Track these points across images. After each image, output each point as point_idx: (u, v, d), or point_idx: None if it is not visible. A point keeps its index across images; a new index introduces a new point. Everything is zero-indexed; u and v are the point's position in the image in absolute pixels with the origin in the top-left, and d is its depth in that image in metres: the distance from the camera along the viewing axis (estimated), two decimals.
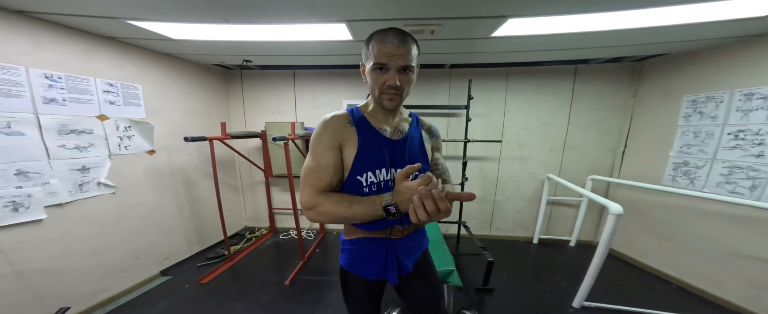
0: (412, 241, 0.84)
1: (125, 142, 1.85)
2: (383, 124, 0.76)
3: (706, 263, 1.88)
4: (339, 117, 0.74)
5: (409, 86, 0.70)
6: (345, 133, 0.72)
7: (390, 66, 0.65)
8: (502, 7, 1.27)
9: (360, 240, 0.81)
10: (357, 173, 0.71)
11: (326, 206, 0.66)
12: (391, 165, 0.74)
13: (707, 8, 1.25)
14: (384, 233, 0.79)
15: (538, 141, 2.68)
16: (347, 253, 0.84)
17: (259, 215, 3.14)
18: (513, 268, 2.29)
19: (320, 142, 0.71)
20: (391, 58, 0.64)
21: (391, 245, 0.80)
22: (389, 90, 0.67)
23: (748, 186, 1.63)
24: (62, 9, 1.33)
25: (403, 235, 0.81)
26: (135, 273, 1.97)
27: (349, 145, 0.72)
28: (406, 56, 0.65)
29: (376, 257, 0.80)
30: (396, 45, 0.64)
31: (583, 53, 2.08)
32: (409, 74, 0.68)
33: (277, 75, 2.78)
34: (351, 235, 0.83)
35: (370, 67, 0.68)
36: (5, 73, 1.31)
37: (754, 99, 1.61)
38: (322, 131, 0.72)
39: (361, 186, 0.72)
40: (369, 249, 0.80)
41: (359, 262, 0.81)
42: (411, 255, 0.84)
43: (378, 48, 0.65)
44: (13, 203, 1.35)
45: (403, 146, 0.76)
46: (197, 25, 1.51)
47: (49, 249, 1.50)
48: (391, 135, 0.75)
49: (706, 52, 1.90)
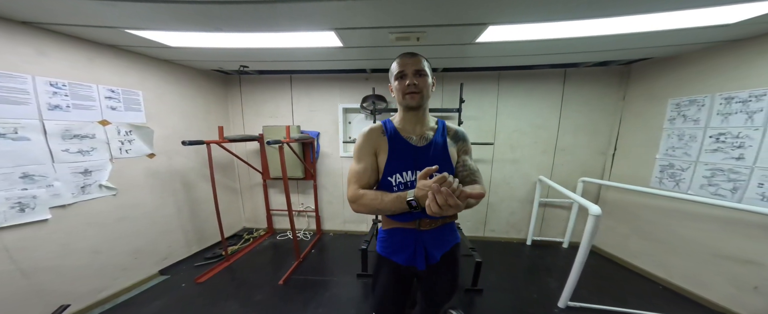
0: (440, 234, 0.95)
1: (126, 146, 1.93)
2: (410, 133, 0.92)
3: (692, 263, 1.90)
4: (374, 129, 0.93)
5: (426, 89, 0.87)
6: (379, 142, 0.91)
7: (407, 72, 0.85)
8: (480, 15, 1.33)
9: (393, 230, 0.95)
10: (388, 175, 0.88)
11: (366, 199, 0.82)
12: (416, 168, 0.88)
13: (680, 16, 1.29)
14: (414, 224, 0.91)
15: (530, 143, 2.72)
16: (383, 241, 0.98)
17: (258, 217, 3.21)
18: (504, 269, 2.33)
19: (361, 150, 0.91)
20: (406, 66, 0.85)
21: (420, 236, 0.92)
22: (409, 88, 0.84)
23: (730, 188, 1.66)
24: (64, 19, 1.41)
25: (431, 227, 0.92)
26: (134, 272, 2.03)
27: (382, 152, 0.90)
28: (418, 64, 0.86)
29: (406, 245, 0.93)
30: (409, 57, 0.86)
31: (571, 57, 2.12)
32: (423, 77, 0.86)
33: (275, 80, 2.86)
34: (387, 226, 0.97)
35: (394, 79, 0.88)
36: (12, 81, 1.40)
37: (733, 103, 1.64)
38: (362, 140, 0.92)
39: (391, 185, 0.88)
40: (401, 237, 0.93)
41: (392, 249, 0.95)
42: (439, 247, 0.95)
43: (398, 63, 0.87)
44: (19, 204, 1.43)
45: (427, 151, 0.89)
46: (192, 34, 1.58)
47: (52, 248, 1.57)
48: (416, 142, 0.90)
49: (687, 56, 1.94)
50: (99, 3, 1.19)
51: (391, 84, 0.91)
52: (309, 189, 3.07)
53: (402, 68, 0.85)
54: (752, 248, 1.60)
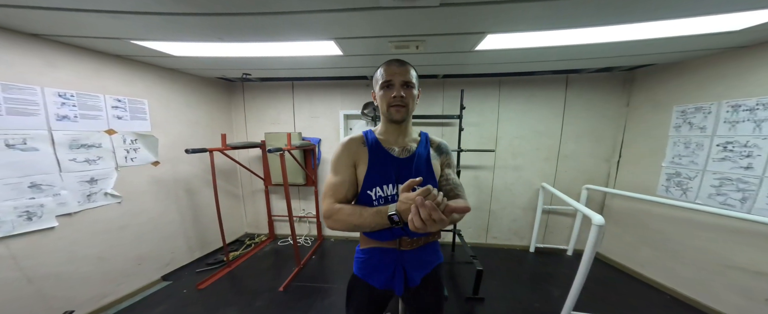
0: (422, 255, 0.88)
1: (131, 154, 1.96)
2: (392, 144, 0.87)
3: (700, 273, 1.85)
4: (354, 139, 0.87)
5: (412, 102, 0.81)
6: (359, 153, 0.85)
7: (394, 81, 0.79)
8: (478, 24, 1.33)
9: (371, 250, 0.88)
10: (367, 188, 0.82)
11: (342, 214, 0.75)
12: (398, 181, 0.82)
13: (684, 23, 1.27)
14: (394, 244, 0.85)
15: (532, 150, 2.69)
16: (360, 262, 0.91)
17: (259, 222, 3.23)
18: (507, 277, 2.29)
19: (339, 161, 0.84)
20: (394, 75, 0.79)
21: (400, 256, 0.85)
22: (396, 101, 0.79)
23: (739, 198, 1.61)
24: (73, 31, 1.45)
25: (413, 247, 0.86)
26: (137, 278, 2.06)
27: (361, 163, 0.84)
28: (406, 74, 0.79)
29: (385, 266, 0.86)
30: (397, 66, 0.80)
31: (573, 64, 2.11)
32: (410, 89, 0.80)
33: (277, 87, 2.89)
34: (365, 245, 0.90)
35: (379, 88, 0.82)
36: (23, 93, 1.44)
37: (740, 111, 1.61)
38: (341, 151, 0.85)
39: (370, 199, 0.82)
40: (379, 258, 0.86)
41: (369, 270, 0.88)
42: (420, 269, 0.87)
43: (384, 71, 0.80)
44: (27, 213, 1.46)
45: (409, 163, 0.84)
46: (196, 44, 1.62)
47: (58, 255, 1.60)
48: (398, 154, 0.85)
49: (692, 63, 1.91)
50: (106, 15, 1.22)
51: (375, 91, 0.84)
52: (310, 195, 3.08)
53: (389, 78, 0.78)
54: (763, 259, 1.55)
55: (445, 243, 2.95)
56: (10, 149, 1.39)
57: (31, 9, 1.17)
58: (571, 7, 1.13)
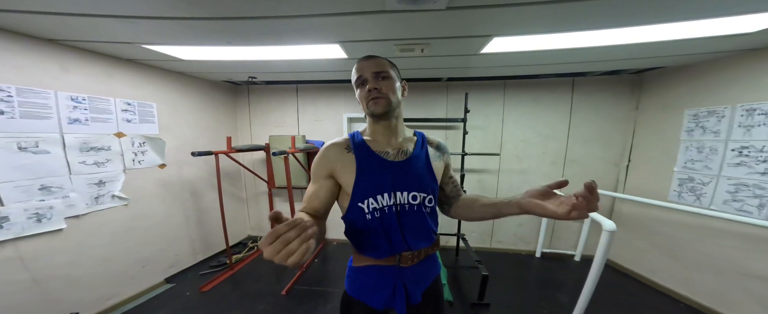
0: (422, 269, 0.79)
1: (139, 157, 1.99)
2: (385, 147, 0.76)
3: (717, 282, 1.78)
4: (337, 144, 0.76)
5: (392, 93, 0.72)
6: (342, 160, 0.73)
7: (366, 75, 0.72)
8: (484, 27, 1.32)
9: (368, 268, 0.78)
10: (358, 200, 0.71)
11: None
12: (394, 189, 0.72)
13: (695, 25, 1.25)
14: (392, 260, 0.75)
15: (538, 154, 2.65)
16: (353, 280, 0.81)
17: (262, 225, 3.23)
18: (513, 282, 2.24)
19: (315, 170, 0.75)
20: (364, 69, 0.73)
21: (400, 273, 0.76)
22: (371, 94, 0.71)
23: (756, 205, 1.56)
24: (88, 36, 1.48)
25: (413, 262, 0.77)
26: (141, 280, 2.06)
27: (346, 172, 0.72)
28: (376, 66, 0.72)
29: (384, 285, 0.76)
30: (366, 59, 0.74)
31: (579, 66, 2.08)
32: (387, 81, 0.72)
33: (281, 90, 2.92)
34: (359, 263, 0.80)
35: (356, 87, 0.76)
36: (37, 97, 1.47)
37: (755, 115, 1.56)
38: (318, 159, 0.76)
39: (363, 213, 0.71)
40: (377, 276, 0.77)
41: (366, 289, 0.78)
42: (420, 283, 0.80)
43: (355, 69, 0.75)
44: (36, 215, 1.48)
45: (406, 166, 0.74)
46: (205, 48, 1.64)
47: (64, 257, 1.62)
48: (393, 157, 0.74)
49: (702, 65, 1.87)
50: (121, 20, 1.24)
51: (356, 94, 0.78)
52: None
53: (360, 73, 0.72)
54: None
55: (449, 247, 2.91)
56: (22, 151, 1.42)
57: (51, 15, 1.20)
58: (578, 10, 1.11)
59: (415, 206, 0.74)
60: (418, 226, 0.75)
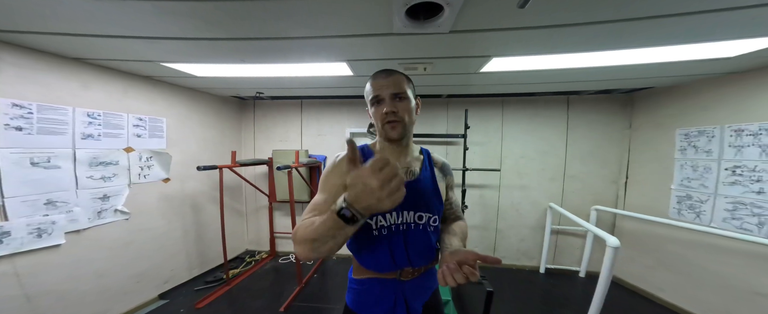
0: (422, 282, 0.80)
1: (145, 171, 2.00)
2: None
3: (726, 300, 1.75)
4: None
5: (408, 115, 0.72)
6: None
7: (383, 95, 0.71)
8: (484, 48, 1.41)
9: (369, 280, 0.78)
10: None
11: (301, 232, 0.59)
12: (402, 208, 0.72)
13: (679, 49, 1.34)
14: (394, 274, 0.76)
15: (538, 170, 2.69)
16: (354, 293, 0.81)
17: (261, 239, 3.17)
18: (518, 299, 2.19)
19: (327, 180, 0.73)
20: (381, 88, 0.71)
21: (401, 286, 0.77)
22: (388, 117, 0.70)
23: (755, 223, 1.58)
24: (112, 55, 1.55)
25: (414, 277, 0.78)
26: (135, 296, 1.99)
27: None
28: (395, 86, 0.71)
29: (384, 298, 0.77)
30: (384, 77, 0.72)
31: (574, 85, 2.18)
32: (404, 102, 0.71)
33: (286, 105, 2.99)
34: (359, 275, 0.80)
35: (370, 103, 0.75)
36: (56, 113, 1.51)
37: (744, 135, 1.63)
38: (330, 169, 0.74)
39: (369, 228, 0.71)
40: (378, 289, 0.77)
41: (367, 303, 0.78)
42: (421, 296, 0.81)
43: (371, 85, 0.73)
44: (38, 230, 1.45)
45: (415, 186, 0.75)
46: (219, 65, 1.72)
47: (61, 273, 1.57)
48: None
49: (690, 86, 1.97)
50: (145, 41, 1.31)
51: (368, 109, 0.77)
52: None
53: (377, 92, 0.71)
54: None
55: None
56: (34, 166, 1.43)
57: (83, 37, 1.26)
58: (570, 34, 1.20)
59: (421, 226, 0.75)
60: (423, 245, 0.76)
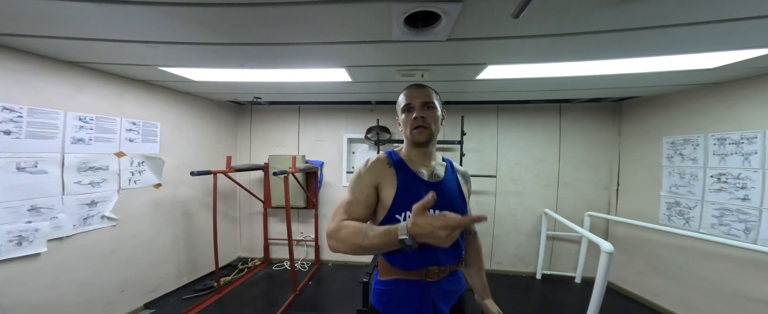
0: (447, 285, 0.82)
1: (136, 177, 1.94)
2: (420, 168, 0.83)
3: (718, 304, 1.78)
4: (380, 159, 0.84)
5: (435, 124, 0.81)
6: (384, 173, 0.80)
7: (414, 104, 0.80)
8: (480, 56, 1.45)
9: (395, 281, 0.80)
10: (396, 212, 0.76)
11: (345, 232, 0.67)
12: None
13: (662, 60, 1.40)
14: (419, 275, 0.77)
15: (533, 177, 2.73)
16: (380, 294, 0.82)
17: (254, 246, 3.10)
18: (515, 305, 2.18)
19: (359, 180, 0.79)
20: (413, 98, 0.80)
21: (427, 288, 0.78)
22: (417, 122, 0.78)
23: (742, 229, 1.62)
24: (109, 59, 1.53)
25: (439, 278, 0.79)
26: (118, 306, 1.90)
27: (387, 185, 0.78)
28: (425, 96, 0.81)
29: (410, 300, 0.78)
30: (416, 89, 0.82)
31: (565, 93, 2.25)
32: (432, 110, 0.80)
33: (284, 110, 2.99)
34: (385, 276, 0.82)
35: (401, 112, 0.84)
36: (46, 117, 1.47)
37: (727, 144, 1.69)
38: (364, 169, 0.81)
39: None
40: (404, 290, 0.78)
41: (393, 304, 0.80)
42: (447, 300, 0.82)
43: (405, 95, 0.83)
44: (18, 238, 1.38)
45: (441, 188, 0.80)
46: (216, 70, 1.71)
47: (40, 282, 1.49)
48: (428, 178, 0.81)
49: (674, 96, 2.05)
50: (144, 45, 1.31)
51: (399, 117, 0.86)
52: (309, 218, 3.01)
53: (409, 101, 0.80)
54: None
55: None
56: (20, 172, 1.37)
57: (79, 40, 1.25)
58: (563, 43, 1.24)
59: None
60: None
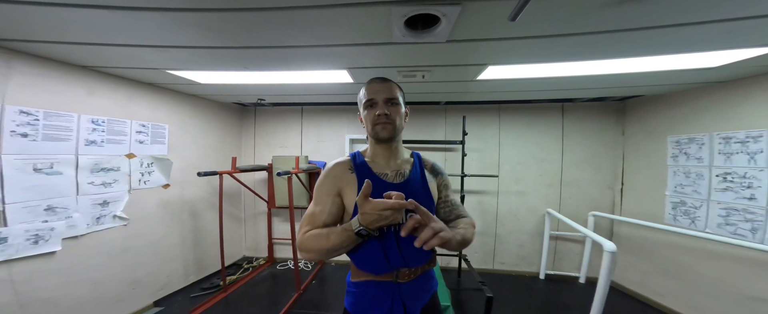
0: (419, 285, 0.81)
1: (145, 177, 2.00)
2: (384, 169, 0.80)
3: (724, 305, 1.76)
4: (340, 164, 0.81)
5: (399, 118, 0.78)
6: (345, 179, 0.77)
7: (377, 99, 0.76)
8: (481, 57, 1.46)
9: (366, 283, 0.79)
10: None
11: (309, 241, 0.70)
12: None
13: (665, 59, 1.40)
14: (390, 277, 0.77)
15: (535, 176, 2.72)
16: (353, 296, 0.82)
17: (259, 245, 3.15)
18: (518, 305, 2.18)
19: (320, 188, 0.78)
20: (377, 93, 0.77)
21: (398, 289, 0.78)
22: (380, 119, 0.75)
23: (749, 228, 1.60)
24: (119, 63, 1.59)
25: (410, 279, 0.79)
26: (129, 303, 1.96)
27: (349, 191, 0.76)
28: (389, 91, 0.77)
29: (381, 301, 0.77)
30: (379, 83, 0.78)
31: (568, 93, 2.24)
32: (396, 107, 0.77)
33: (287, 111, 3.03)
34: (357, 278, 0.81)
35: (363, 107, 0.80)
36: (61, 120, 1.53)
37: (732, 143, 1.67)
38: (323, 178, 0.79)
39: (362, 232, 0.75)
40: (375, 291, 0.78)
41: (365, 306, 0.80)
42: (419, 299, 0.81)
43: (367, 90, 0.79)
44: (35, 236, 1.44)
45: (404, 189, 0.76)
46: (222, 72, 1.75)
47: (56, 280, 1.55)
48: (392, 179, 0.79)
49: (680, 95, 2.03)
50: (153, 49, 1.35)
51: (360, 113, 0.82)
52: None
53: (372, 96, 0.76)
54: None
55: (450, 269, 2.84)
56: (37, 173, 1.43)
57: (93, 46, 1.30)
58: (561, 44, 1.25)
59: None
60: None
